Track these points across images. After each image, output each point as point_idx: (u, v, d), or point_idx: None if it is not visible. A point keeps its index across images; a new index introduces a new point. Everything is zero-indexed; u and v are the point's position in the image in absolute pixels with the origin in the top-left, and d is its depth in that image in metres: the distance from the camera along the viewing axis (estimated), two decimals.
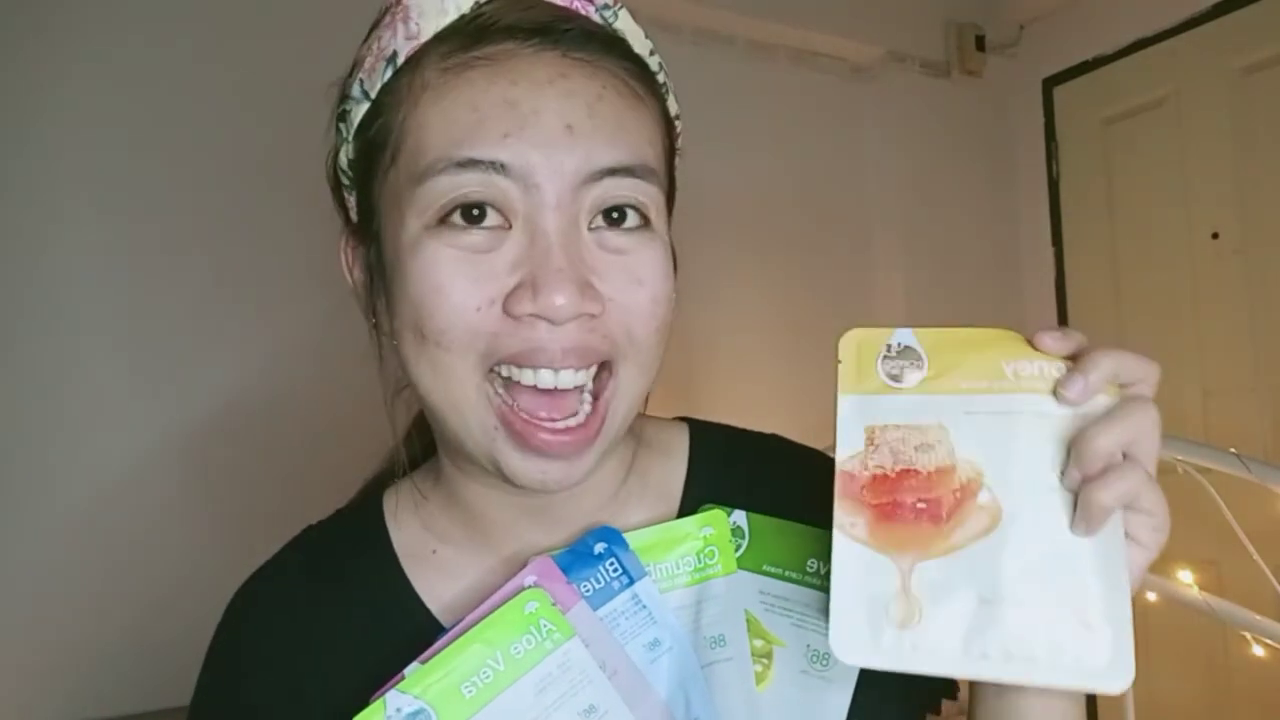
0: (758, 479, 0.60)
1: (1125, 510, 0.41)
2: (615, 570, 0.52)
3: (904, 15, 2.33)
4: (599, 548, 0.53)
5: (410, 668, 0.48)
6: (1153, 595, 1.49)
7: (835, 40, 2.25)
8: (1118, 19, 2.24)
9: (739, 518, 0.56)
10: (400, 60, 0.48)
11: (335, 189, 0.56)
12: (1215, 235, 2.07)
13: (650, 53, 0.53)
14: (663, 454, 0.61)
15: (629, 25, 0.52)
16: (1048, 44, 2.40)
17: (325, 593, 0.56)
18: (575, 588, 0.51)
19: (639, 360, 0.49)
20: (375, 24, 0.52)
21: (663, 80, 0.54)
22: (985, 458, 0.43)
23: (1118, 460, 0.40)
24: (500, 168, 0.45)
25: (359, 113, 0.51)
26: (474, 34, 0.47)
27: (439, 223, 0.46)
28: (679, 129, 0.56)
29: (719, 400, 1.99)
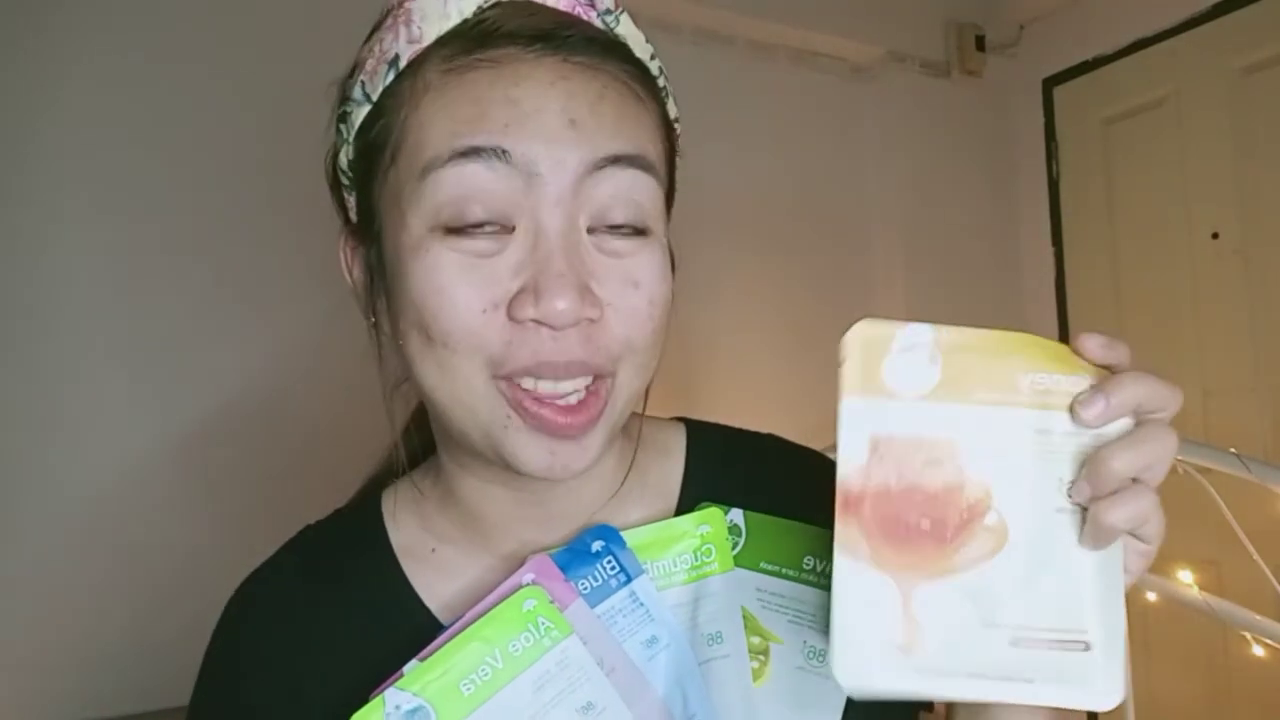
0: (755, 478, 0.60)
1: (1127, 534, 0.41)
2: (613, 568, 0.52)
3: (904, 15, 2.33)
4: (596, 546, 0.53)
5: (409, 665, 0.48)
6: (1153, 595, 1.49)
7: (835, 40, 2.25)
8: (1118, 19, 2.23)
9: (736, 516, 0.56)
10: (402, 64, 0.49)
11: (334, 188, 0.56)
12: (1215, 235, 2.07)
13: (651, 57, 0.53)
14: (660, 453, 0.61)
15: (630, 30, 0.52)
16: (1048, 44, 2.40)
17: (324, 592, 0.56)
18: (573, 585, 0.51)
19: (635, 362, 0.50)
20: (377, 26, 0.52)
21: (663, 84, 0.54)
22: (995, 477, 0.41)
23: (1129, 483, 0.40)
24: (503, 154, 0.45)
25: (360, 115, 0.51)
26: (477, 39, 0.47)
27: (441, 226, 0.46)
28: (678, 132, 0.56)
29: (718, 400, 1.99)
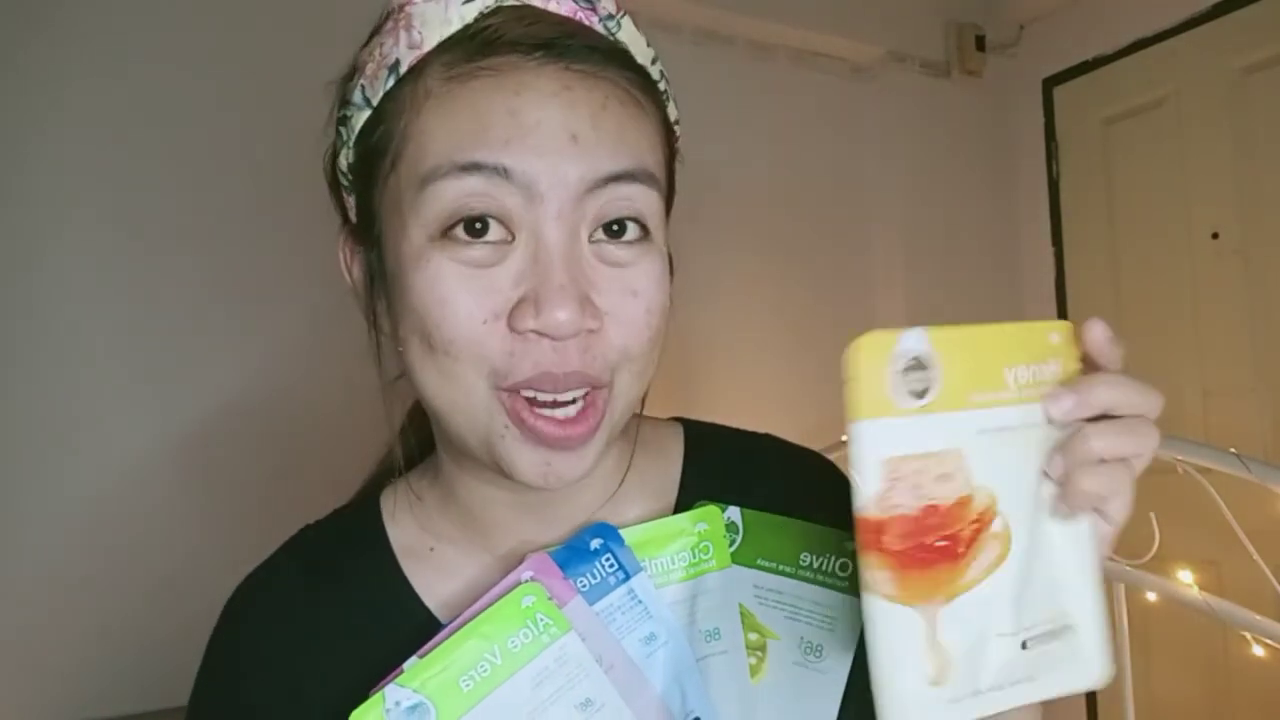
0: (752, 477, 0.60)
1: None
2: (611, 566, 0.52)
3: (904, 15, 2.33)
4: (595, 543, 0.53)
5: (409, 662, 0.48)
6: (1153, 595, 1.49)
7: (835, 40, 2.25)
8: (1118, 19, 2.23)
9: (733, 513, 0.56)
10: (403, 69, 0.49)
11: (333, 188, 0.56)
12: (1215, 235, 2.07)
13: (652, 60, 0.53)
14: (658, 453, 0.61)
15: (631, 34, 0.52)
16: (1048, 44, 2.40)
17: (323, 592, 0.56)
18: (571, 583, 0.51)
19: (633, 370, 0.50)
20: (377, 29, 0.52)
21: (663, 88, 0.54)
22: (998, 481, 0.40)
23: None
24: (503, 172, 0.45)
25: (360, 119, 0.51)
26: (478, 47, 0.47)
27: (442, 235, 0.46)
28: (678, 134, 0.57)
29: (718, 400, 1.99)
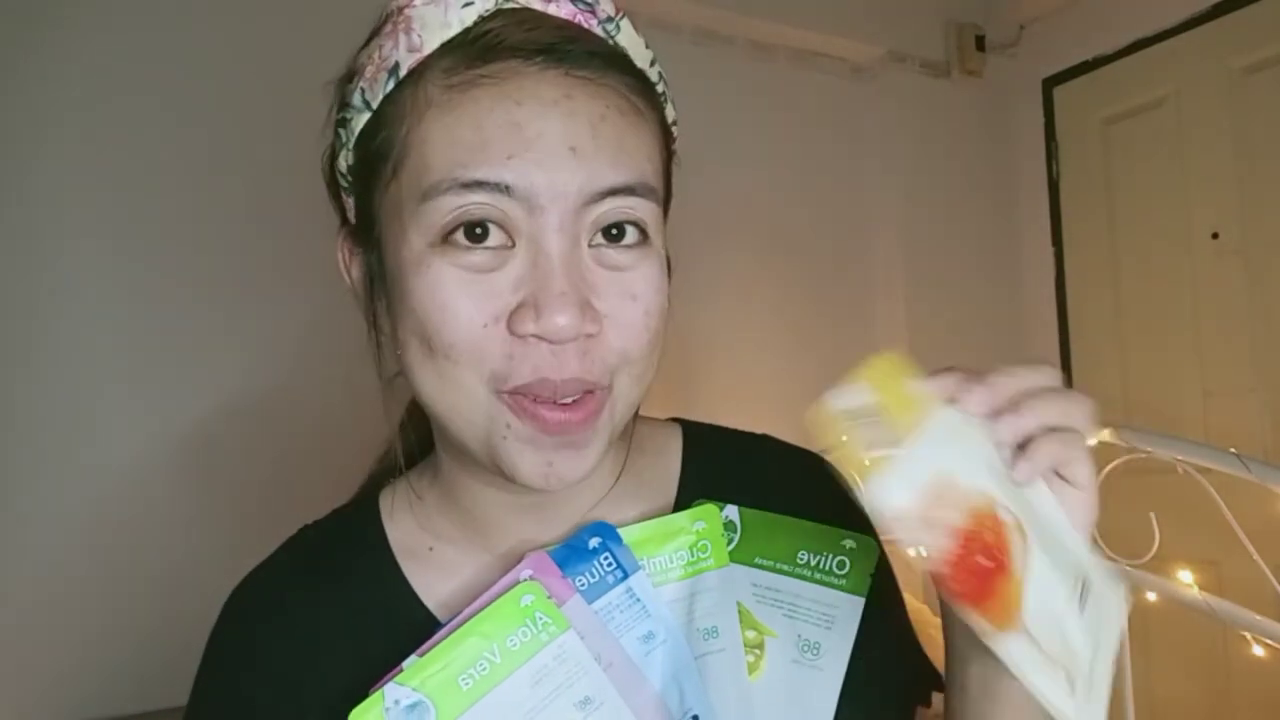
0: (750, 477, 0.60)
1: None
2: (610, 565, 0.52)
3: (904, 15, 2.33)
4: (594, 543, 0.53)
5: (408, 660, 0.48)
6: (1153, 595, 1.49)
7: (835, 40, 2.26)
8: (1118, 19, 2.24)
9: (731, 512, 0.56)
10: (403, 72, 0.48)
11: (332, 189, 0.56)
12: (1215, 235, 2.07)
13: (651, 63, 0.53)
14: (656, 454, 0.61)
15: (630, 37, 0.52)
16: (1048, 44, 2.40)
17: (322, 591, 0.56)
18: (570, 582, 0.51)
19: (632, 373, 0.50)
20: (375, 31, 0.51)
21: (662, 90, 0.54)
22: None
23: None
24: (505, 189, 0.46)
25: (360, 122, 0.51)
26: (479, 52, 0.47)
27: (443, 240, 0.46)
28: (676, 135, 0.57)
29: (717, 401, 1.99)
